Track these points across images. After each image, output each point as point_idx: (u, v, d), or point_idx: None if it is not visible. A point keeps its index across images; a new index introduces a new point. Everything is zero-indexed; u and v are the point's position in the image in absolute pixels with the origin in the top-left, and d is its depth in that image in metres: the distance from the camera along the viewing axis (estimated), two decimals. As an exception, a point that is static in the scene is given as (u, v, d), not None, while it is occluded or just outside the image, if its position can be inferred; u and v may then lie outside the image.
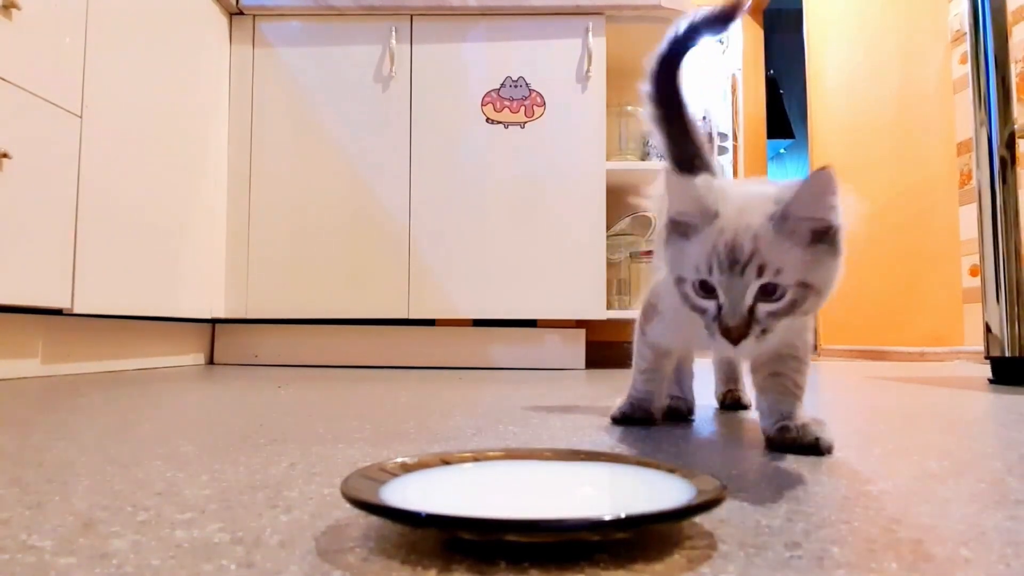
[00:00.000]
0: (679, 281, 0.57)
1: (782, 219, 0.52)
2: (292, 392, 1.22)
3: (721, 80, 4.72)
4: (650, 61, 0.83)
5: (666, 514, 0.34)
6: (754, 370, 0.69)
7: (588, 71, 2.04)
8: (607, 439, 0.73)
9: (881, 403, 1.13)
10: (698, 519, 0.40)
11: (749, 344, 0.53)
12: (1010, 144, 1.51)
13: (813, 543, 0.37)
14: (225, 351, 2.10)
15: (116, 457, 0.59)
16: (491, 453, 0.48)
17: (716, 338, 0.54)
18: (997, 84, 1.51)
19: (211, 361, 2.10)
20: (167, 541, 0.36)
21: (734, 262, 0.52)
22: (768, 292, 0.52)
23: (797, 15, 3.97)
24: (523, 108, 2.05)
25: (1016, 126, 1.51)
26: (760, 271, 0.52)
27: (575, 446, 0.69)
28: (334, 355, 2.07)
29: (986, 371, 1.54)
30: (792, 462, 0.59)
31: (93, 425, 0.79)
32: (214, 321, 2.09)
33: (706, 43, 0.86)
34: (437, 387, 1.36)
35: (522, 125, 2.04)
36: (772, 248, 0.52)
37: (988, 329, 1.51)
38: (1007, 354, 1.47)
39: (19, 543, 0.36)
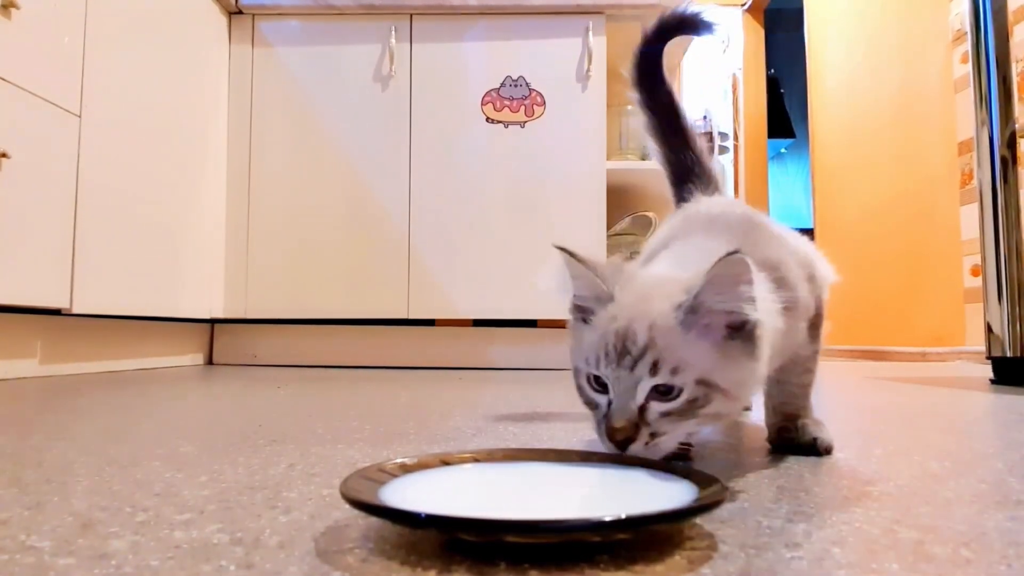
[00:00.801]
0: (576, 372, 0.50)
1: (690, 311, 0.46)
2: (291, 392, 1.22)
3: (722, 80, 4.72)
4: (629, 67, 0.80)
5: (667, 515, 0.34)
6: None
7: (588, 70, 2.04)
8: (607, 439, 0.72)
9: (882, 403, 1.13)
10: (699, 520, 0.40)
11: (637, 448, 0.46)
12: (1011, 144, 1.50)
13: (814, 544, 0.37)
14: (224, 351, 2.10)
15: (115, 458, 0.59)
16: (491, 453, 0.48)
17: (604, 440, 0.47)
18: (998, 83, 1.51)
19: (210, 361, 2.10)
20: (166, 542, 0.36)
21: (624, 354, 0.46)
22: (663, 391, 0.46)
23: (798, 14, 3.97)
24: (523, 107, 2.05)
25: (1017, 125, 1.51)
26: (654, 368, 0.45)
27: (575, 446, 0.69)
28: (334, 355, 2.07)
29: (988, 371, 1.54)
30: (793, 463, 0.59)
31: (92, 425, 0.78)
32: (213, 321, 2.09)
33: (681, 40, 0.84)
34: (437, 387, 1.36)
35: (522, 125, 2.04)
36: (670, 342, 0.45)
37: (989, 329, 1.51)
38: (1008, 354, 1.47)
39: (18, 543, 0.36)
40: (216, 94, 2.02)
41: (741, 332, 0.47)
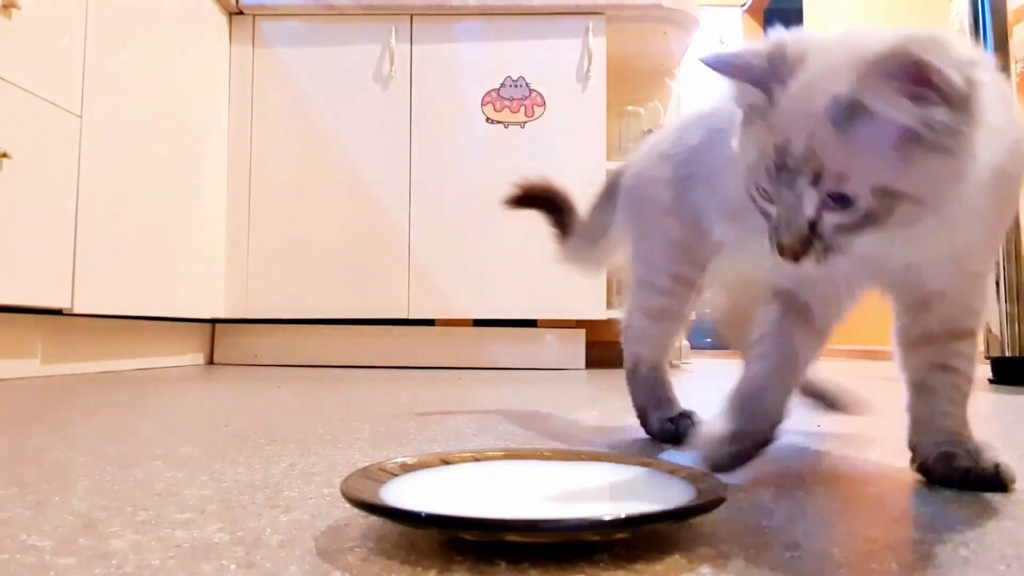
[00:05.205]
0: (746, 183, 0.47)
1: (847, 111, 0.40)
2: (292, 392, 1.22)
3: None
4: None
5: (666, 514, 0.34)
6: (909, 345, 0.54)
7: (588, 71, 2.04)
8: (607, 439, 0.73)
9: (882, 403, 1.13)
10: (699, 519, 0.40)
11: (808, 264, 0.43)
12: (1010, 144, 1.50)
13: (813, 543, 0.37)
14: (225, 351, 2.10)
15: (115, 457, 0.59)
16: (491, 453, 0.48)
17: (775, 256, 0.44)
18: (998, 84, 1.51)
19: (211, 361, 2.10)
20: (167, 541, 0.36)
21: (782, 169, 0.42)
22: (838, 200, 0.41)
23: (798, 14, 3.97)
24: (523, 108, 2.05)
25: (1016, 126, 1.51)
26: (817, 179, 0.41)
27: (575, 446, 0.69)
28: (334, 355, 2.07)
29: (986, 371, 1.54)
30: (793, 462, 0.59)
31: (93, 425, 0.79)
32: (214, 321, 2.09)
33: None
34: (437, 387, 1.36)
35: (522, 125, 2.04)
36: (832, 147, 0.40)
37: (988, 329, 1.51)
38: (1007, 354, 1.47)
39: (19, 543, 0.36)
40: (217, 94, 2.02)
41: (930, 133, 0.39)
